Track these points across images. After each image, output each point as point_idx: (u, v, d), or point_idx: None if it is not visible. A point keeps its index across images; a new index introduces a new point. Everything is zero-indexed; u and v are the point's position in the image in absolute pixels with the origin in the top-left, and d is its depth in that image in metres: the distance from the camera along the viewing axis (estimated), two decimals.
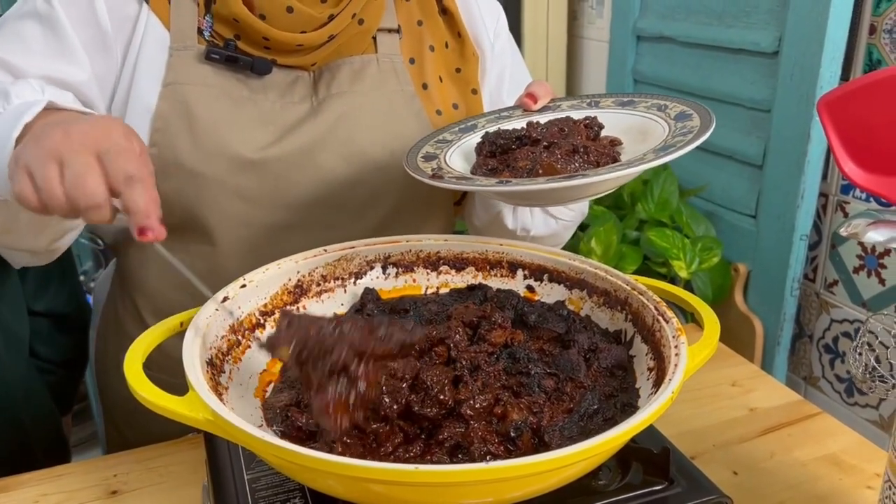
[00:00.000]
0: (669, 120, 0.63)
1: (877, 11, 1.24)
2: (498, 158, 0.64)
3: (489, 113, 0.75)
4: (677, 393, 0.45)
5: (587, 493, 0.50)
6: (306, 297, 0.65)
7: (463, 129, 0.72)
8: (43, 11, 0.68)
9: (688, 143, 0.55)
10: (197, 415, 0.43)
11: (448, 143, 0.70)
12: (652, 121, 0.65)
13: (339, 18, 0.72)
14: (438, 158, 0.66)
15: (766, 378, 0.86)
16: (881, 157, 0.55)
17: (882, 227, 0.59)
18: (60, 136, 0.50)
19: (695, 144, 0.55)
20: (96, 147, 0.49)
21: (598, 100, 0.72)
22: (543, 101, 0.72)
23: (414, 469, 0.37)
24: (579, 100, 0.73)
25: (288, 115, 0.74)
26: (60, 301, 0.99)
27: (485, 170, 0.63)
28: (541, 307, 0.63)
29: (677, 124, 0.61)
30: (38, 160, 0.49)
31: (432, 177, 0.60)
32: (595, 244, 1.34)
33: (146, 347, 0.51)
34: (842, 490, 0.67)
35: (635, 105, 0.69)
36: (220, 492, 0.52)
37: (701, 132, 0.57)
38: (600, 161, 0.61)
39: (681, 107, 0.64)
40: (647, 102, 0.68)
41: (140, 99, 0.70)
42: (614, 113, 0.69)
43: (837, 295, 1.39)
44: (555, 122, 0.66)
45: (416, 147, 0.69)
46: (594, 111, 0.70)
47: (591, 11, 2.06)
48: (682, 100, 0.66)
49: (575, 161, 0.60)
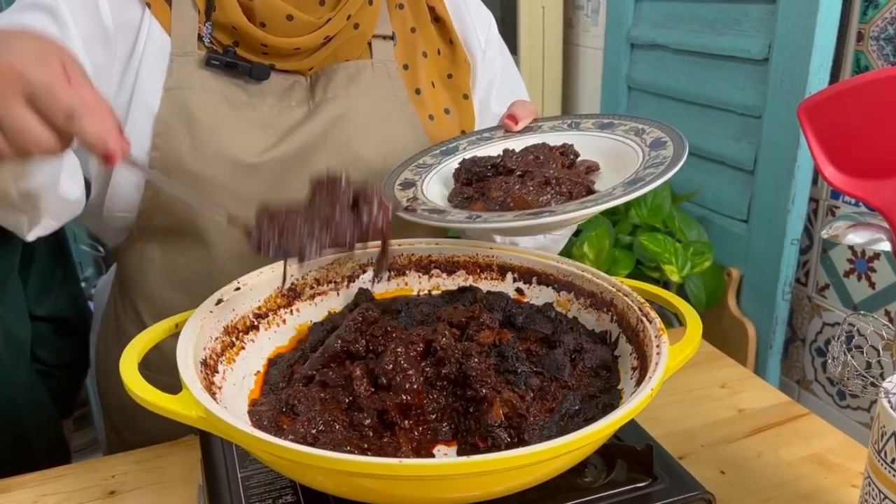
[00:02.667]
0: (644, 147, 0.64)
1: (864, 19, 1.26)
2: (474, 186, 0.65)
3: (471, 134, 0.77)
4: (657, 390, 0.47)
5: (573, 490, 0.51)
6: (300, 299, 0.66)
7: (444, 151, 0.73)
8: (44, 3, 0.68)
9: (657, 177, 0.56)
10: (190, 412, 0.44)
11: (428, 167, 0.71)
12: (629, 146, 0.66)
13: (335, 20, 0.74)
14: (416, 186, 0.67)
15: (755, 380, 0.87)
16: (860, 161, 0.56)
17: (862, 230, 0.60)
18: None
19: (663, 179, 0.56)
20: (21, 90, 0.45)
21: (578, 121, 0.73)
22: (525, 122, 0.73)
23: (397, 463, 0.38)
24: (560, 121, 0.74)
25: (285, 119, 0.76)
26: (62, 306, 1.00)
27: (460, 198, 0.64)
28: (529, 309, 0.64)
29: (651, 152, 0.62)
30: None
31: (406, 209, 0.61)
32: (587, 249, 1.35)
33: (142, 348, 0.52)
34: (826, 488, 0.68)
35: (614, 128, 0.69)
36: (215, 490, 0.53)
37: (672, 164, 0.57)
38: (573, 192, 0.61)
39: (657, 132, 0.65)
40: (625, 126, 0.69)
41: (142, 103, 0.72)
42: (593, 136, 0.70)
43: (829, 298, 1.40)
44: (531, 149, 0.67)
45: (396, 172, 0.70)
46: (574, 133, 0.71)
47: (587, 19, 2.08)
48: (660, 125, 0.66)
49: (547, 193, 0.61)
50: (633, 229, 1.51)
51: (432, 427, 0.52)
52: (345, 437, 0.48)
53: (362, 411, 0.50)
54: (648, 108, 1.80)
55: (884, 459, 0.51)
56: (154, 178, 0.50)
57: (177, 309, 0.59)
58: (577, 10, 2.11)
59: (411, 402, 0.51)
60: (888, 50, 1.23)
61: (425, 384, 0.53)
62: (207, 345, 0.54)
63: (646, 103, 1.82)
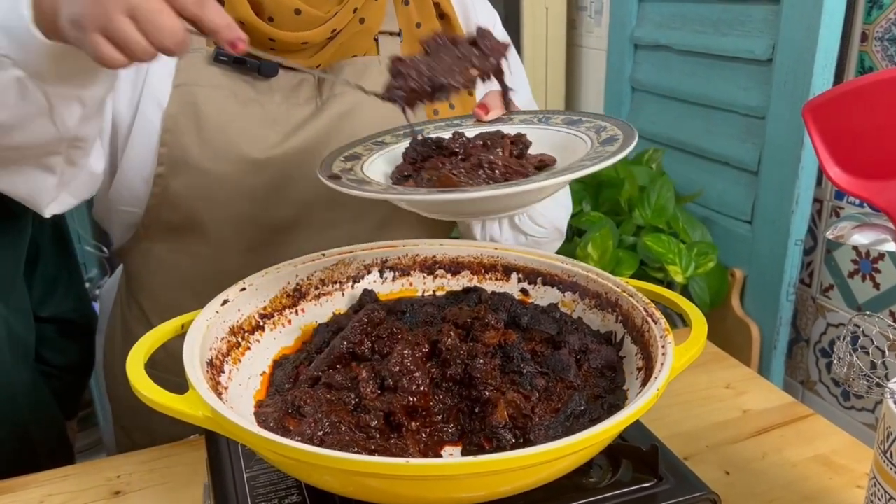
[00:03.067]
0: (597, 143, 0.62)
1: (868, 19, 1.26)
2: (415, 166, 0.64)
3: (441, 120, 0.76)
4: (662, 391, 0.47)
5: (579, 490, 0.51)
6: (305, 300, 0.66)
7: (407, 132, 0.72)
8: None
9: (583, 168, 0.55)
10: (196, 412, 0.44)
11: (385, 145, 0.70)
12: (583, 142, 0.64)
13: (342, 14, 0.74)
14: (360, 159, 0.65)
15: (760, 380, 0.87)
16: (865, 162, 0.57)
17: (867, 230, 0.60)
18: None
19: (581, 173, 0.54)
20: None
21: (549, 116, 0.72)
22: (496, 113, 0.72)
23: (404, 462, 0.38)
24: (532, 115, 0.73)
25: (293, 115, 0.76)
26: (66, 307, 1.00)
27: (398, 176, 0.63)
28: (534, 309, 0.64)
29: (599, 148, 0.61)
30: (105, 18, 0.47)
31: (330, 177, 0.59)
32: (591, 249, 1.35)
33: (148, 348, 0.52)
34: (832, 489, 0.68)
35: (579, 125, 0.68)
36: (220, 490, 0.53)
37: (603, 160, 0.56)
38: (508, 177, 0.60)
39: (615, 130, 0.63)
40: (590, 123, 0.68)
41: (152, 98, 0.72)
42: (555, 130, 0.69)
43: (833, 299, 1.40)
44: (483, 135, 0.65)
45: (350, 145, 0.69)
46: (539, 127, 0.70)
47: (590, 20, 2.08)
48: (623, 124, 0.65)
49: (479, 176, 0.59)
50: (636, 230, 1.51)
51: (439, 428, 0.52)
52: (351, 438, 0.48)
53: (368, 413, 0.50)
54: (652, 109, 1.80)
55: (889, 460, 0.51)
56: None
57: (183, 309, 0.59)
58: (580, 10, 2.11)
59: (417, 404, 0.51)
60: (892, 50, 1.23)
61: (431, 385, 0.53)
62: (213, 345, 0.54)
63: (649, 104, 1.82)
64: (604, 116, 0.68)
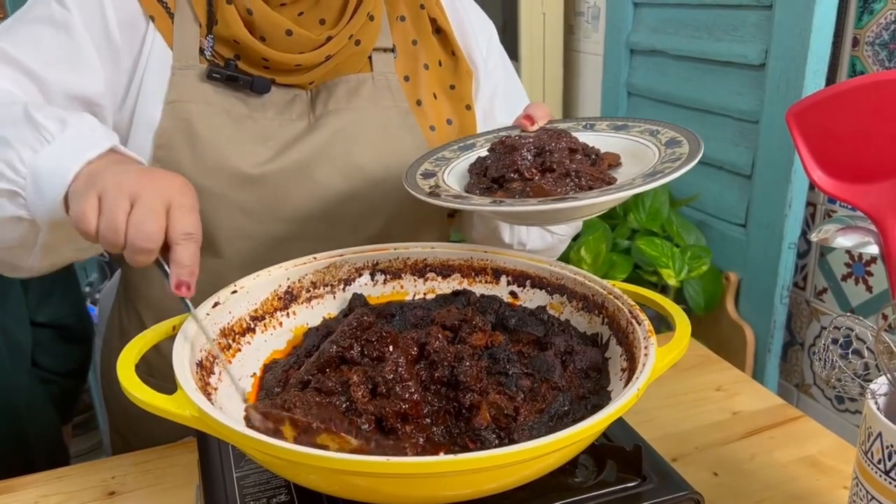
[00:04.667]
0: (661, 145, 0.65)
1: (859, 24, 1.27)
2: (490, 178, 0.65)
3: (489, 132, 0.77)
4: (643, 391, 0.47)
5: (564, 490, 0.52)
6: (296, 302, 0.67)
7: (462, 147, 0.74)
8: (60, 18, 0.69)
9: (675, 170, 0.57)
10: (184, 412, 0.45)
11: (447, 160, 0.72)
12: (645, 145, 0.67)
13: (337, 39, 0.75)
14: (437, 176, 0.68)
15: (751, 383, 0.88)
16: (848, 165, 0.57)
17: (851, 233, 0.61)
18: (141, 177, 0.54)
19: (682, 171, 0.57)
20: (170, 198, 0.53)
21: (593, 123, 0.74)
22: (541, 123, 0.73)
23: (385, 460, 0.39)
24: (575, 122, 0.75)
25: (286, 131, 0.76)
26: (62, 312, 1.01)
27: (480, 188, 0.65)
28: (521, 311, 0.65)
29: (667, 150, 0.63)
30: (114, 189, 0.52)
31: (429, 194, 0.62)
32: (585, 253, 1.36)
33: (139, 350, 0.53)
34: (819, 490, 0.68)
35: (629, 129, 0.71)
36: (211, 490, 0.54)
37: (689, 159, 0.59)
38: (593, 185, 0.62)
39: (672, 133, 0.66)
40: (640, 127, 0.70)
41: (144, 115, 0.73)
42: (609, 136, 0.71)
43: (827, 302, 1.41)
44: (539, 132, 0.68)
45: (416, 164, 0.71)
46: (590, 134, 0.72)
47: (587, 26, 2.09)
48: (674, 126, 0.67)
49: (567, 185, 0.62)
50: (631, 234, 1.51)
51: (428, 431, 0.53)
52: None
53: (360, 416, 0.51)
54: (647, 114, 1.81)
55: (870, 460, 0.52)
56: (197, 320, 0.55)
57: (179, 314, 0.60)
58: (577, 16, 2.12)
59: (409, 412, 0.51)
60: (883, 55, 1.24)
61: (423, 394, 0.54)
62: (204, 347, 0.55)
63: (645, 109, 1.83)
64: (648, 120, 0.71)
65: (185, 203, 0.54)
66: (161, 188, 0.53)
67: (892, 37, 1.21)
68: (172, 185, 0.55)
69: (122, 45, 0.72)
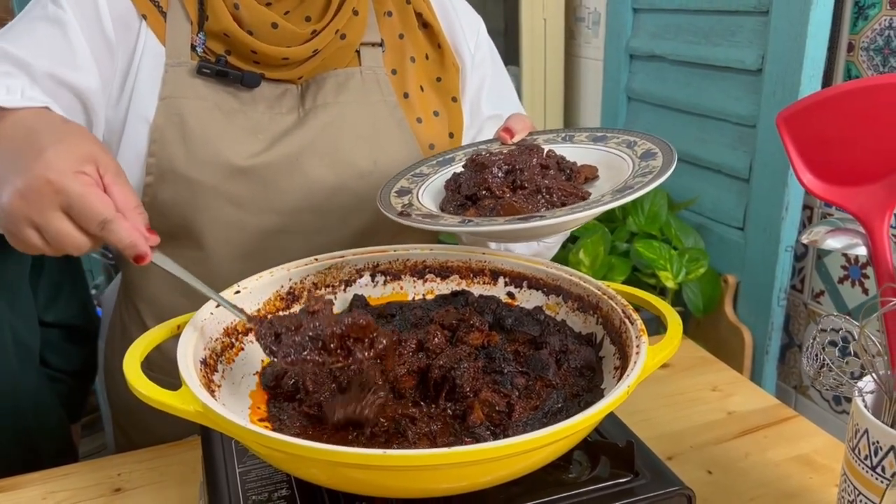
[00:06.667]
0: (636, 158, 0.65)
1: (854, 30, 1.29)
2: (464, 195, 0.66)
3: (468, 146, 0.79)
4: (633, 387, 0.49)
5: (559, 485, 0.53)
6: (298, 303, 0.68)
7: (441, 162, 0.75)
8: (54, 15, 0.71)
9: (644, 186, 0.57)
10: (188, 407, 0.46)
11: (425, 176, 0.73)
12: (620, 157, 0.67)
13: (323, 35, 0.77)
14: (411, 193, 0.69)
15: (746, 383, 0.89)
16: (837, 169, 0.58)
17: (840, 235, 0.62)
18: (18, 199, 0.50)
19: (650, 187, 0.57)
20: (59, 203, 0.50)
21: (572, 134, 0.75)
22: (521, 136, 0.74)
23: (382, 453, 0.40)
24: (555, 134, 0.76)
25: (276, 125, 0.78)
26: (71, 312, 1.02)
27: (453, 205, 0.66)
28: (518, 312, 0.66)
29: (641, 163, 0.64)
30: (14, 224, 0.51)
31: (400, 214, 0.62)
32: (583, 255, 1.37)
33: (145, 348, 0.55)
34: (811, 488, 0.69)
35: (607, 141, 0.71)
36: (214, 485, 0.55)
37: (659, 174, 0.59)
38: (566, 202, 0.62)
39: (648, 144, 0.66)
40: (617, 139, 0.70)
41: (138, 111, 0.75)
42: (586, 148, 0.71)
43: (824, 304, 1.42)
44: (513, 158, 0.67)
45: (393, 180, 0.72)
46: (568, 146, 0.72)
47: (588, 31, 2.11)
48: (651, 137, 0.67)
49: (539, 201, 0.62)
50: (630, 237, 1.53)
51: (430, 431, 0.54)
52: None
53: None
54: (647, 118, 1.82)
55: (857, 456, 0.53)
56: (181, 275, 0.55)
57: (178, 312, 0.61)
58: (578, 21, 2.14)
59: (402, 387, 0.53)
60: (878, 60, 1.25)
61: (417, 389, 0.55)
62: (207, 345, 0.56)
63: (644, 113, 1.84)
64: (627, 131, 0.71)
65: (75, 195, 0.50)
66: (42, 199, 0.50)
67: (887, 42, 1.23)
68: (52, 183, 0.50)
69: (117, 43, 0.74)
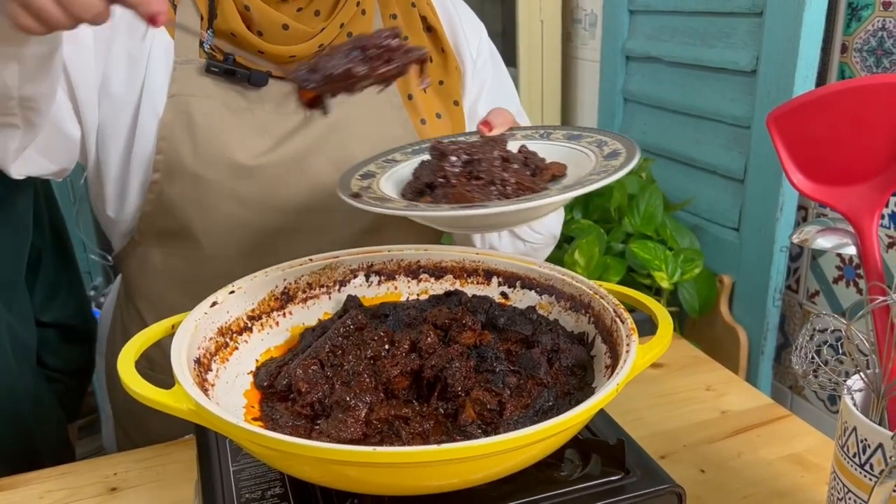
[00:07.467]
0: (601, 157, 0.65)
1: (847, 31, 1.29)
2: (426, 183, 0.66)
3: (446, 137, 0.79)
4: (622, 385, 0.49)
5: (550, 483, 0.54)
6: (292, 303, 0.69)
7: (416, 150, 0.75)
8: None
9: (592, 183, 0.57)
10: (182, 406, 0.47)
11: (395, 162, 0.73)
12: (586, 156, 0.67)
13: (329, 29, 0.78)
14: (374, 177, 0.69)
15: (740, 383, 0.89)
16: (826, 169, 0.59)
17: (830, 235, 0.63)
18: None
19: (596, 186, 0.57)
20: None
21: (550, 132, 0.75)
22: (500, 129, 0.74)
23: (371, 450, 0.41)
24: (532, 131, 0.76)
25: (283, 124, 0.79)
26: (68, 312, 1.02)
27: (412, 191, 0.66)
28: (511, 311, 0.67)
29: (603, 162, 0.64)
30: None
31: (352, 195, 0.62)
32: (578, 256, 1.38)
33: (139, 347, 0.55)
34: (803, 486, 0.70)
35: (581, 139, 0.71)
36: (208, 483, 0.56)
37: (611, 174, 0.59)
38: (520, 193, 0.62)
39: (616, 145, 0.66)
40: (591, 138, 0.70)
41: (149, 108, 0.75)
42: (561, 146, 0.72)
43: (819, 305, 1.42)
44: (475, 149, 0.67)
45: (362, 164, 0.72)
46: (543, 143, 0.72)
47: (585, 33, 2.12)
48: (622, 137, 0.67)
49: (491, 193, 0.62)
50: (625, 237, 1.53)
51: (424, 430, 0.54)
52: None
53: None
54: (643, 119, 1.83)
55: (846, 454, 0.53)
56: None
57: (178, 311, 0.61)
58: (575, 23, 2.15)
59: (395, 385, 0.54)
60: (871, 61, 1.26)
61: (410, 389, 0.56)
62: (202, 344, 0.57)
63: (640, 114, 1.85)
64: (602, 131, 0.71)
65: None
66: None
67: (880, 43, 1.23)
68: None
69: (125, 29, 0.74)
